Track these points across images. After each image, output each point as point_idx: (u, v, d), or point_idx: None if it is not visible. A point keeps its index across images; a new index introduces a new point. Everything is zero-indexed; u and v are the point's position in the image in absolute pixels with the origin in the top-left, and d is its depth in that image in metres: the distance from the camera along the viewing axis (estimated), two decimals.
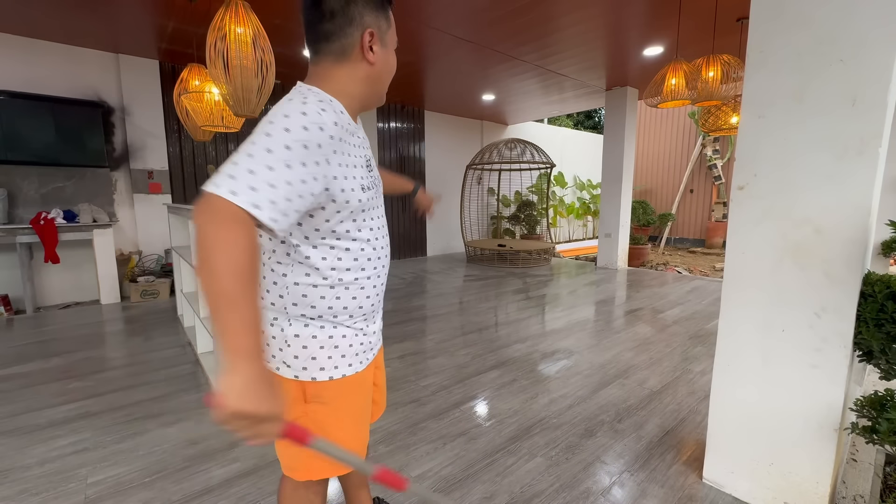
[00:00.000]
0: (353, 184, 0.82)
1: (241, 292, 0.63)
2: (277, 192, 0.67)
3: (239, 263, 0.63)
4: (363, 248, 0.89)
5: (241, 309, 0.63)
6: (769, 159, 1.41)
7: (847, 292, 1.29)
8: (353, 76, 0.85)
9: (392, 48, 0.90)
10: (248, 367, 0.61)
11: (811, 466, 1.40)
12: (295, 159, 0.70)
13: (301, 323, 0.87)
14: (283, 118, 0.71)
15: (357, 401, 0.96)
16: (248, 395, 0.60)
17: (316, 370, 0.88)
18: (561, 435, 1.97)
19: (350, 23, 0.82)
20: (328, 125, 0.75)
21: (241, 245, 0.64)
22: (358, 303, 0.91)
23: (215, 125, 3.28)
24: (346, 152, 0.81)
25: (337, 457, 0.73)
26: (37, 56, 4.09)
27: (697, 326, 3.61)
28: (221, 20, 2.31)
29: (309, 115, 0.73)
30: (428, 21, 3.75)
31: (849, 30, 1.23)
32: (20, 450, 1.85)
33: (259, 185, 0.66)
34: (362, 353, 0.95)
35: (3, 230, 3.80)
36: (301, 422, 0.89)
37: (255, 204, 0.65)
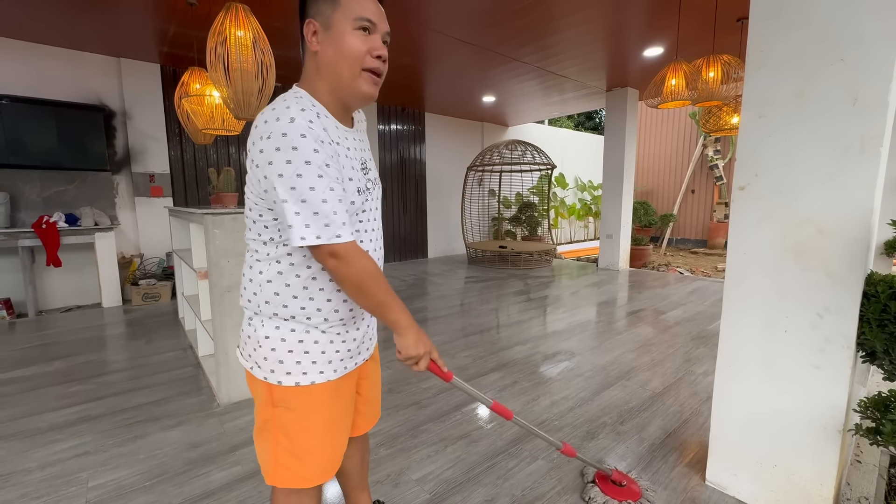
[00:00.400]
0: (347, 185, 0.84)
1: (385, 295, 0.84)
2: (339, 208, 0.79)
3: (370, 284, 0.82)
4: None
5: (391, 304, 0.85)
6: (770, 159, 1.40)
7: (849, 292, 1.28)
8: (313, 70, 0.86)
9: (344, 29, 0.81)
10: (411, 331, 0.88)
11: (815, 468, 1.39)
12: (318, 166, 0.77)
13: (273, 324, 0.87)
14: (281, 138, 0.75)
15: (327, 410, 0.92)
16: (416, 344, 0.88)
17: (282, 374, 0.87)
18: (563, 437, 1.96)
19: (302, 19, 0.85)
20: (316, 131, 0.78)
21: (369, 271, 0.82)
22: (333, 306, 0.89)
23: (216, 128, 3.29)
24: (336, 153, 0.82)
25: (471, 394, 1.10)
26: (39, 61, 4.11)
27: (700, 327, 3.60)
28: (221, 24, 2.32)
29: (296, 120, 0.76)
30: (427, 23, 3.76)
31: (849, 28, 1.22)
32: (21, 454, 1.85)
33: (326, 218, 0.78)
34: (338, 362, 0.92)
35: (5, 234, 3.81)
36: (269, 426, 0.91)
37: (337, 234, 0.79)
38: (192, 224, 2.75)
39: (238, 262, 2.25)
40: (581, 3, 3.43)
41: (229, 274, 2.23)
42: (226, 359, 2.27)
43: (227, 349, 2.27)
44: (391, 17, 0.91)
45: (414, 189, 7.40)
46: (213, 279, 2.20)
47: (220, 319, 2.23)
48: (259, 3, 3.29)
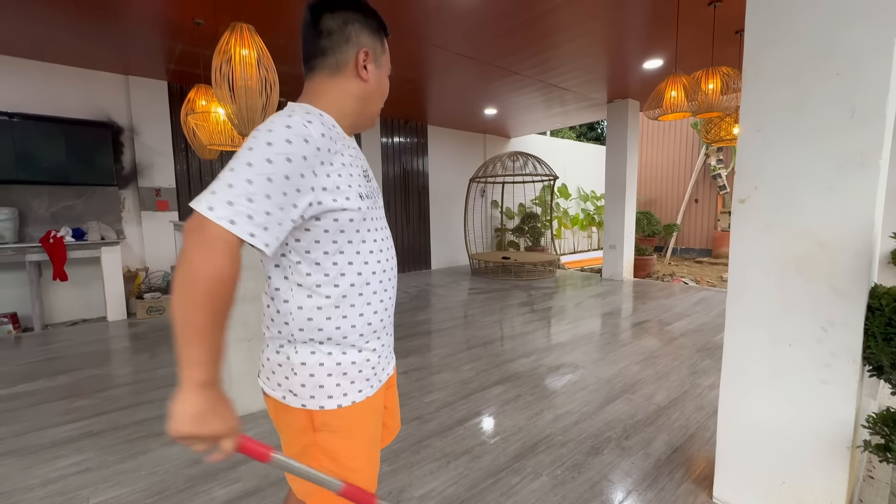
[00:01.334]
0: (349, 192, 0.81)
1: (212, 323, 0.66)
2: (255, 206, 0.67)
3: (214, 294, 0.65)
4: (367, 261, 0.86)
5: (207, 340, 0.65)
6: (769, 172, 1.40)
7: (854, 306, 1.27)
8: (346, 91, 0.86)
9: (385, 72, 0.92)
10: (201, 398, 0.65)
11: (824, 485, 1.36)
12: (277, 172, 0.69)
13: (308, 349, 0.84)
14: (266, 133, 0.71)
15: (368, 427, 0.92)
16: (199, 422, 0.65)
17: (324, 399, 0.85)
18: (567, 453, 1.94)
19: (346, 40, 0.84)
20: (314, 137, 0.75)
21: (219, 274, 0.65)
22: (366, 319, 0.87)
23: (221, 144, 3.34)
24: (338, 162, 0.80)
25: (299, 473, 0.76)
26: (50, 79, 4.21)
27: (705, 339, 3.56)
28: (227, 43, 2.37)
29: (293, 127, 0.73)
30: (428, 39, 3.82)
31: (844, 43, 1.23)
32: (23, 470, 1.85)
33: (237, 200, 0.66)
34: (373, 377, 0.91)
35: (13, 249, 3.86)
36: (310, 451, 0.87)
37: (231, 219, 0.66)
38: None
39: (241, 277, 2.26)
40: (580, 17, 3.47)
41: None
42: (229, 373, 2.27)
43: (229, 364, 2.27)
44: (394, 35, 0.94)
45: (417, 201, 7.44)
46: None
47: None
48: (264, 22, 3.36)
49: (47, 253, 3.95)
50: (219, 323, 0.67)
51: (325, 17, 0.84)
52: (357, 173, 0.85)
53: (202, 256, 0.65)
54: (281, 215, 0.71)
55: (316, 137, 0.75)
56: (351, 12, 0.85)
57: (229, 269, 0.67)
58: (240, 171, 0.68)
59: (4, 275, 4.13)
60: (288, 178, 0.70)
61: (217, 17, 3.27)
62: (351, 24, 0.84)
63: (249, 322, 2.31)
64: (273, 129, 0.71)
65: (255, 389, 2.36)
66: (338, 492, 0.80)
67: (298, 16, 3.30)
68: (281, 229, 0.72)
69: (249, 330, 2.31)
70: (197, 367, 0.65)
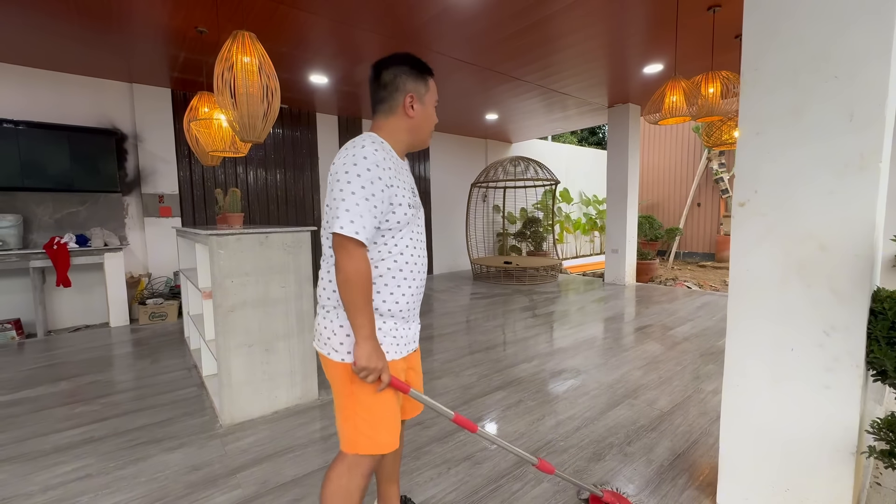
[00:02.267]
0: (402, 200, 1.09)
1: (364, 301, 1.03)
2: (365, 219, 1.02)
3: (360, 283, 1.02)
4: (402, 254, 1.12)
5: (363, 311, 1.03)
6: (769, 176, 1.40)
7: (856, 310, 1.26)
8: (398, 127, 1.15)
9: (431, 106, 1.18)
10: (368, 345, 1.03)
11: (829, 492, 1.34)
12: (368, 193, 1.02)
13: (346, 315, 1.07)
14: (353, 167, 1.02)
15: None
16: (370, 357, 1.02)
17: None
18: (568, 459, 1.92)
19: (396, 89, 1.13)
20: (380, 161, 1.05)
21: (360, 269, 1.02)
22: (395, 298, 1.12)
23: (223, 150, 3.36)
24: (395, 177, 1.09)
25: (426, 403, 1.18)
26: (54, 87, 4.26)
27: (708, 343, 3.54)
28: (229, 51, 2.39)
29: (369, 158, 1.03)
30: (429, 45, 3.85)
31: (842, 46, 1.23)
32: (24, 476, 1.85)
33: (355, 218, 1.01)
34: (395, 347, 1.15)
35: (17, 255, 3.89)
36: (350, 399, 1.12)
37: (356, 231, 1.00)
38: (198, 244, 2.79)
39: (241, 283, 2.27)
40: (580, 22, 3.49)
41: (233, 294, 2.25)
42: (229, 379, 2.27)
43: (230, 369, 2.27)
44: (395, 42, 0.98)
45: None
46: (218, 299, 2.22)
47: (223, 339, 2.24)
48: (266, 30, 3.40)
49: (51, 259, 3.98)
50: (368, 300, 1.04)
51: (382, 73, 1.14)
52: (406, 188, 1.13)
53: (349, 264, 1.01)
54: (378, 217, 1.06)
55: (381, 161, 1.05)
56: (401, 66, 1.13)
57: (365, 267, 1.03)
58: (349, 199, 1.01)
59: (8, 281, 4.15)
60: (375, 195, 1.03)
61: (220, 26, 3.31)
62: (400, 76, 1.13)
63: (250, 328, 2.31)
64: (357, 164, 1.02)
65: (256, 395, 2.36)
66: (451, 419, 1.21)
67: (299, 24, 3.35)
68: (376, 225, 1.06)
69: (250, 336, 2.32)
70: (368, 324, 1.03)
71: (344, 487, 1.11)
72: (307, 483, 1.77)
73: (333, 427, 2.24)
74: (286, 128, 5.81)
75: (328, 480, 1.14)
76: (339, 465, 1.13)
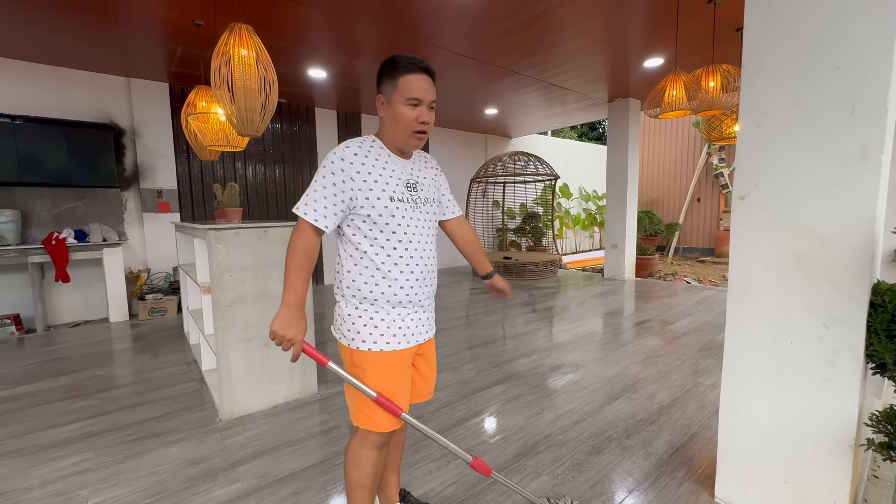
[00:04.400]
0: (379, 193, 1.14)
1: (294, 270, 1.13)
2: (318, 203, 1.13)
3: (294, 253, 1.13)
4: (395, 248, 1.17)
5: (291, 278, 1.13)
6: (770, 168, 1.39)
7: (855, 303, 1.25)
8: (382, 127, 1.23)
9: (400, 104, 1.16)
10: (287, 310, 1.11)
11: (827, 485, 1.35)
12: (327, 182, 1.13)
13: (352, 305, 1.20)
14: (325, 160, 1.16)
15: (389, 374, 1.20)
16: (282, 324, 1.10)
17: (359, 342, 1.19)
18: (567, 452, 1.92)
19: (376, 93, 1.22)
20: (348, 156, 1.14)
21: (298, 243, 1.14)
22: (393, 291, 1.19)
23: (221, 145, 3.34)
24: (374, 173, 1.15)
25: (346, 379, 1.17)
26: (52, 82, 4.23)
27: (707, 338, 3.54)
28: (225, 44, 2.37)
29: (337, 152, 1.15)
30: (429, 40, 3.82)
31: (844, 37, 1.22)
32: (23, 471, 1.85)
33: (309, 202, 1.13)
34: (400, 336, 1.21)
35: (16, 251, 3.88)
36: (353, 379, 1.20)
37: (304, 212, 1.13)
38: (197, 239, 2.78)
39: (240, 278, 2.26)
40: (579, 16, 3.47)
41: (232, 289, 2.24)
42: (228, 373, 2.27)
43: (229, 364, 2.27)
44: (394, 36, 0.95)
45: None
46: (216, 294, 2.22)
47: (222, 334, 2.24)
48: (263, 24, 3.37)
49: (50, 255, 3.97)
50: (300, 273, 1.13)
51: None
52: (393, 182, 1.18)
53: (295, 239, 1.14)
54: (333, 208, 1.14)
55: (349, 156, 1.14)
56: (380, 72, 1.19)
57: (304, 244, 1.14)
58: (311, 186, 1.15)
59: (7, 276, 4.15)
60: (334, 184, 1.13)
61: (217, 19, 3.28)
62: (378, 82, 1.21)
63: (249, 323, 2.31)
64: (328, 157, 1.16)
65: (255, 389, 2.36)
66: (372, 398, 1.16)
67: (297, 18, 3.32)
68: (334, 216, 1.14)
69: (249, 331, 2.31)
70: (291, 294, 1.12)
71: (356, 456, 1.24)
72: (306, 476, 1.78)
73: (333, 421, 2.25)
74: (285, 123, 5.78)
75: (346, 452, 1.27)
76: (354, 436, 1.26)
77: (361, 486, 1.24)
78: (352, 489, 1.25)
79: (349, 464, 1.25)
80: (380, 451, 1.25)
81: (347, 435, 2.10)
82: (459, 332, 3.87)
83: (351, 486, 1.25)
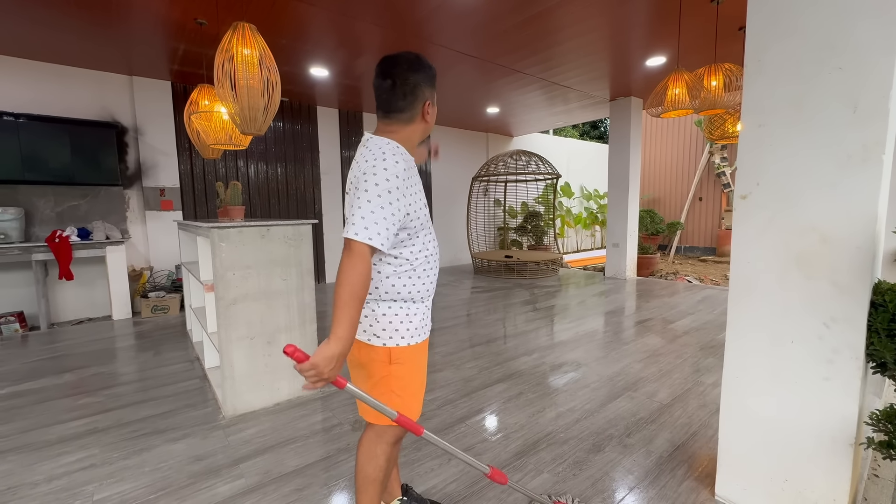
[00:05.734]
0: (419, 204, 1.17)
1: (352, 302, 1.01)
2: (382, 225, 1.05)
3: (355, 284, 1.01)
4: (425, 246, 1.22)
5: (348, 310, 1.00)
6: (771, 168, 1.39)
7: (856, 302, 1.26)
8: (415, 131, 1.22)
9: (435, 106, 1.23)
10: (340, 346, 0.98)
11: (827, 483, 1.36)
12: (390, 199, 1.06)
13: (387, 304, 1.19)
14: (374, 176, 1.06)
15: (422, 361, 1.27)
16: (327, 360, 0.96)
17: (398, 339, 1.20)
18: (568, 450, 1.93)
19: (416, 99, 1.17)
20: (401, 171, 1.10)
21: (359, 272, 1.02)
22: (426, 287, 1.24)
23: (224, 143, 3.35)
24: (413, 183, 1.16)
25: (365, 400, 1.09)
26: (55, 80, 4.24)
27: (709, 337, 3.54)
28: (229, 42, 2.38)
29: (389, 169, 1.08)
30: (430, 38, 3.82)
31: (847, 37, 1.22)
32: (29, 466, 1.87)
33: (369, 224, 1.03)
34: (424, 328, 1.26)
35: (19, 248, 3.90)
36: (386, 380, 1.21)
37: (369, 237, 1.03)
38: (200, 237, 2.79)
39: (243, 276, 2.28)
40: (582, 14, 3.46)
41: (235, 287, 2.25)
42: (231, 371, 2.28)
43: (232, 361, 2.28)
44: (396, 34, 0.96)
45: None
46: (220, 291, 2.23)
47: (225, 332, 2.25)
48: (266, 22, 3.38)
49: (53, 252, 3.99)
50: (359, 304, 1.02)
51: (400, 82, 1.15)
52: (420, 191, 1.20)
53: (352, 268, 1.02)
54: (394, 226, 1.08)
55: (402, 171, 1.10)
56: (417, 74, 1.16)
57: (367, 274, 1.04)
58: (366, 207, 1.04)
59: (11, 274, 4.17)
60: (396, 201, 1.08)
61: (219, 18, 3.29)
62: (419, 86, 1.17)
63: (252, 321, 2.32)
64: (377, 174, 1.07)
65: (258, 387, 2.37)
66: (393, 419, 1.13)
67: (299, 16, 3.32)
68: (394, 234, 1.10)
69: (252, 328, 2.33)
70: (348, 328, 1.00)
71: (371, 450, 1.26)
72: (309, 473, 1.79)
73: (336, 419, 2.26)
74: (287, 121, 5.79)
75: (360, 446, 1.29)
76: (369, 433, 1.28)
77: (374, 481, 1.26)
78: (363, 483, 1.26)
79: (363, 458, 1.26)
80: (395, 447, 1.27)
81: (349, 432, 2.11)
82: (460, 330, 3.88)
83: (363, 479, 1.26)
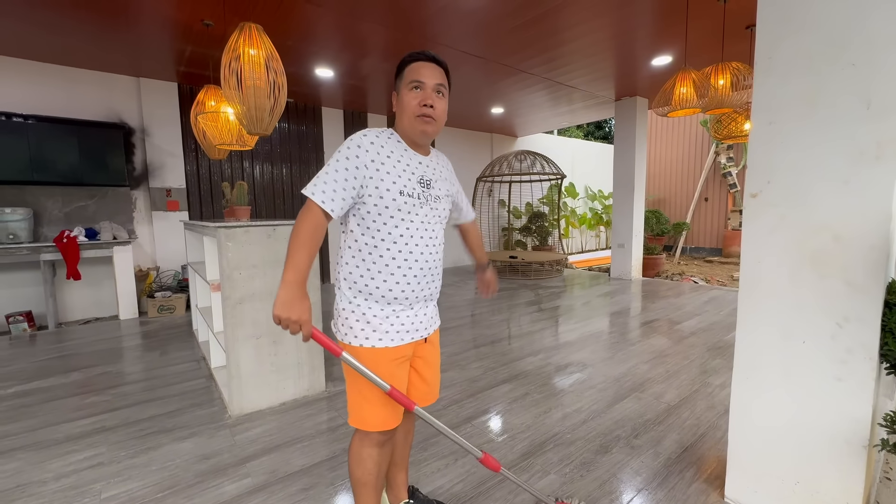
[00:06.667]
0: (388, 185, 1.12)
1: (298, 247, 1.07)
2: (329, 186, 1.10)
3: (299, 232, 1.07)
4: (396, 242, 1.15)
5: (293, 255, 1.06)
6: (782, 166, 1.38)
7: (870, 301, 1.24)
8: (400, 119, 1.21)
9: (405, 91, 1.17)
10: (288, 289, 1.03)
11: (839, 486, 1.34)
12: (343, 165, 1.11)
13: (347, 299, 1.18)
14: (339, 147, 1.15)
15: (379, 370, 1.16)
16: (284, 305, 1.01)
17: (351, 337, 1.18)
18: (575, 451, 1.92)
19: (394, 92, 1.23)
20: (364, 143, 1.13)
21: (305, 221, 1.09)
22: (388, 286, 1.16)
23: (230, 144, 3.37)
24: (387, 164, 1.14)
25: (360, 371, 1.11)
26: (63, 82, 4.29)
27: (716, 338, 3.51)
28: (235, 43, 2.39)
29: (354, 139, 1.14)
30: (435, 38, 3.82)
31: (860, 32, 1.21)
32: (38, 464, 1.88)
33: (319, 183, 1.11)
34: (394, 333, 1.18)
35: (28, 248, 3.94)
36: (348, 375, 1.20)
37: (313, 192, 1.10)
38: (206, 237, 2.80)
39: (249, 275, 2.28)
40: (587, 14, 3.45)
41: (241, 286, 2.26)
42: (237, 370, 2.29)
43: (238, 360, 2.28)
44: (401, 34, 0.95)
45: None
46: (226, 291, 2.23)
47: (231, 331, 2.26)
48: (273, 23, 3.39)
49: (61, 252, 4.02)
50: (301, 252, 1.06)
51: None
52: (405, 176, 1.16)
53: (301, 218, 1.09)
54: (343, 192, 1.11)
55: (365, 144, 1.13)
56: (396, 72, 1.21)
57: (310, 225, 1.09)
58: (324, 168, 1.13)
59: (20, 274, 4.21)
60: (347, 169, 1.11)
61: (226, 19, 3.31)
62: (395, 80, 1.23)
63: (258, 320, 2.33)
64: (344, 143, 1.15)
65: (264, 386, 2.38)
66: (387, 391, 1.12)
67: (305, 17, 3.33)
68: (342, 200, 1.11)
69: (258, 328, 2.33)
70: (291, 272, 1.04)
71: (357, 454, 1.25)
72: (315, 473, 1.79)
73: (341, 419, 2.26)
74: (292, 122, 5.81)
75: (349, 450, 1.29)
76: (355, 435, 1.27)
77: (365, 484, 1.25)
78: (356, 486, 1.27)
79: (352, 462, 1.27)
80: (381, 449, 1.25)
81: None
82: (465, 330, 3.87)
83: (355, 483, 1.27)
